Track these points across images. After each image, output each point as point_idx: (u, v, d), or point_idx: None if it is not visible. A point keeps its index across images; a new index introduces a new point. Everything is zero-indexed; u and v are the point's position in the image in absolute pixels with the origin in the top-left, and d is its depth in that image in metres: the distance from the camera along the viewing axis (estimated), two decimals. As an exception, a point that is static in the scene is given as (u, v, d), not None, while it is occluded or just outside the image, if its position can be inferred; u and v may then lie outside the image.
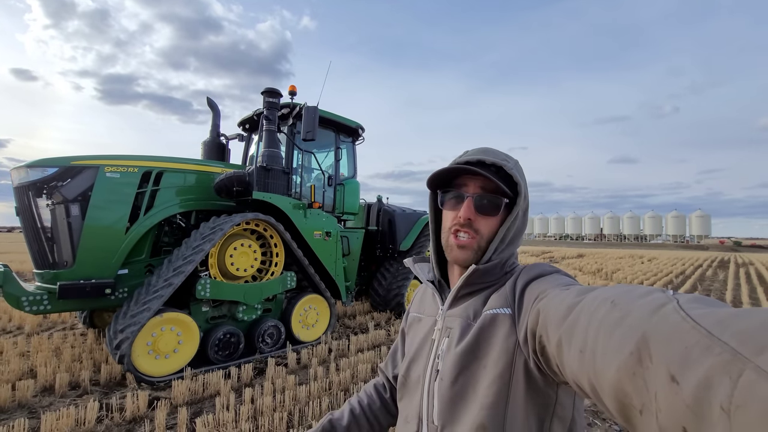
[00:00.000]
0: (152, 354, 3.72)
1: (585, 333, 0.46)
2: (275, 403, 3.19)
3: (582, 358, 0.46)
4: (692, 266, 19.00)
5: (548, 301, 0.59)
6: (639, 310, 0.41)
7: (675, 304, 0.38)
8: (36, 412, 3.12)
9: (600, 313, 0.45)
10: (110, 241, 4.07)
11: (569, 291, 0.56)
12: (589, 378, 0.44)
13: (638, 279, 12.32)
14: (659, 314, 0.38)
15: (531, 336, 0.60)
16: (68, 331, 5.38)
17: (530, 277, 0.71)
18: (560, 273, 0.71)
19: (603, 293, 0.49)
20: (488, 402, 0.66)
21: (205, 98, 6.09)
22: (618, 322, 0.42)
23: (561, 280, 0.66)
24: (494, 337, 0.69)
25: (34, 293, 3.79)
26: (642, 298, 0.43)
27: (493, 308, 0.72)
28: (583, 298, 0.51)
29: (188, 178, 4.75)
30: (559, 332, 0.52)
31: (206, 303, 4.30)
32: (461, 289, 0.78)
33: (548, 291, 0.62)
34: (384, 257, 6.98)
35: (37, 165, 3.89)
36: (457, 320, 0.77)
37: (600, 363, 0.42)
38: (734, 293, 10.45)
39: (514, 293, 0.71)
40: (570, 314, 0.51)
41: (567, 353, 0.49)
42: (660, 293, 0.42)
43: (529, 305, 0.64)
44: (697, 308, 0.36)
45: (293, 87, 5.36)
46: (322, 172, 5.95)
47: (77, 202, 3.93)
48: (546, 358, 0.57)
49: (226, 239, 4.40)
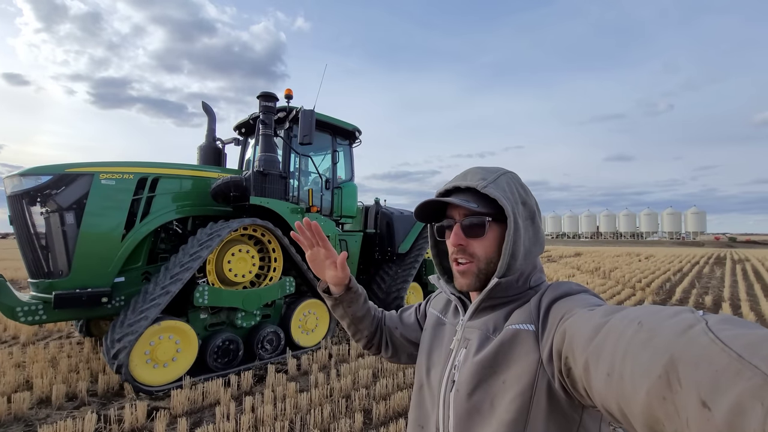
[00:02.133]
0: (150, 363, 3.67)
1: (612, 355, 0.45)
2: (276, 412, 3.16)
3: (609, 382, 0.45)
4: (689, 263, 19.09)
5: (574, 321, 0.57)
6: (667, 331, 0.40)
7: (704, 325, 0.37)
8: (32, 425, 3.07)
9: (627, 334, 0.45)
10: (106, 248, 4.01)
11: (596, 311, 0.55)
12: (618, 402, 0.43)
13: (636, 277, 12.35)
14: (687, 336, 0.37)
15: (557, 356, 0.59)
16: (65, 340, 5.32)
17: (556, 296, 0.69)
18: (588, 293, 0.69)
19: (630, 314, 0.48)
20: (507, 419, 0.65)
21: (200, 101, 6.05)
22: (645, 344, 0.41)
23: (588, 300, 0.65)
24: (515, 353, 0.68)
25: (29, 303, 3.73)
26: (670, 318, 0.42)
27: (516, 323, 0.70)
28: (609, 318, 0.50)
29: (184, 183, 4.70)
30: (586, 354, 0.51)
31: (204, 310, 4.25)
32: (483, 302, 0.77)
33: (575, 311, 0.60)
34: (383, 260, 6.95)
35: (31, 173, 3.84)
36: (476, 332, 0.76)
37: (629, 387, 0.41)
38: (731, 290, 10.50)
39: (539, 310, 0.69)
40: (597, 336, 0.50)
41: (594, 376, 0.48)
42: (689, 313, 0.41)
43: (554, 324, 0.63)
44: (727, 329, 0.36)
45: (289, 90, 5.34)
46: (319, 176, 5.91)
47: (72, 210, 3.87)
48: (572, 380, 0.56)
49: (224, 245, 4.35)
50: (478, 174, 0.78)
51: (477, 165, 0.84)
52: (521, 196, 0.77)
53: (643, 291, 9.98)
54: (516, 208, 0.74)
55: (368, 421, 3.17)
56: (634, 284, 11.05)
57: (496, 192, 0.74)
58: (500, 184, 0.76)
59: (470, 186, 0.77)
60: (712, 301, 8.69)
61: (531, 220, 0.78)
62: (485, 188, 0.74)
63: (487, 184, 0.75)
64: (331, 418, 3.13)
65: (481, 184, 0.75)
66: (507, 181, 0.78)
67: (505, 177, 0.78)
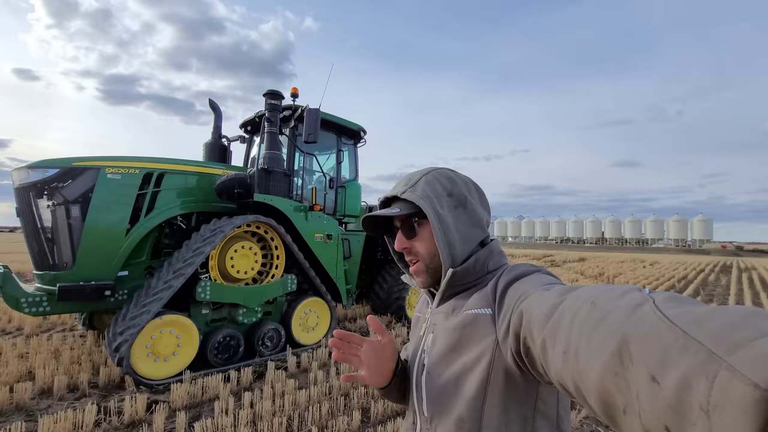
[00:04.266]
0: (151, 357, 3.69)
1: (568, 334, 0.47)
2: (275, 408, 3.16)
3: (566, 359, 0.46)
4: (694, 271, 18.91)
5: (531, 301, 0.59)
6: (618, 310, 0.42)
7: (651, 303, 0.39)
8: (34, 415, 3.10)
9: (581, 313, 0.46)
10: (111, 242, 4.05)
11: (551, 291, 0.57)
12: (573, 379, 0.45)
13: (640, 283, 12.25)
14: (637, 314, 0.39)
15: (514, 338, 0.61)
16: (68, 332, 5.37)
17: (511, 278, 0.72)
18: (542, 272, 0.72)
19: (584, 293, 0.50)
20: (467, 396, 0.70)
21: (208, 99, 6.09)
22: (598, 323, 0.43)
23: (543, 279, 0.67)
24: (474, 335, 0.72)
25: (34, 295, 3.77)
26: (620, 298, 0.44)
27: (474, 308, 0.74)
28: (564, 298, 0.52)
29: (189, 179, 4.74)
30: (543, 334, 0.52)
31: (206, 305, 4.27)
32: (445, 291, 0.82)
33: (530, 291, 0.62)
34: (385, 260, 6.95)
35: (38, 166, 3.89)
36: (440, 316, 0.82)
37: (583, 364, 0.43)
38: (737, 298, 10.39)
39: (495, 293, 0.72)
40: (552, 315, 0.51)
41: (551, 354, 0.50)
42: (637, 292, 0.43)
43: (510, 306, 0.65)
44: (673, 307, 0.37)
45: (295, 89, 5.35)
46: (323, 175, 5.93)
47: (78, 204, 3.91)
48: (531, 359, 0.58)
49: (227, 241, 4.38)
50: (402, 182, 0.86)
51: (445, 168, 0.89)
52: (446, 188, 0.82)
53: (647, 297, 9.89)
54: (437, 202, 0.80)
55: (366, 419, 3.17)
56: (638, 290, 10.95)
57: (412, 195, 0.80)
58: (419, 185, 0.82)
59: (394, 194, 0.85)
60: (716, 309, 8.58)
61: (463, 207, 0.82)
62: (403, 194, 0.82)
63: (405, 189, 0.82)
64: (329, 415, 3.14)
65: (401, 191, 0.83)
66: (428, 180, 0.83)
67: (426, 177, 0.84)
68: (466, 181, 0.87)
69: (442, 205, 0.80)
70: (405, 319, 6.43)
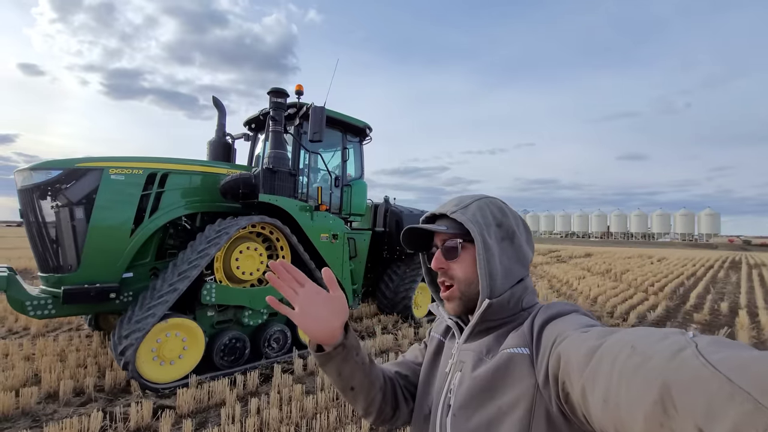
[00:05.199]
0: (157, 360, 3.66)
1: (608, 381, 0.45)
2: (282, 415, 3.11)
3: (606, 408, 0.45)
4: (703, 267, 18.69)
5: (568, 344, 0.57)
6: (659, 355, 0.40)
7: (694, 348, 0.38)
8: (39, 420, 3.08)
9: (621, 357, 0.45)
10: (115, 244, 4.00)
11: (589, 333, 0.55)
12: (616, 428, 0.44)
13: (649, 280, 12.11)
14: (678, 359, 0.38)
15: (553, 381, 0.59)
16: (74, 332, 5.36)
17: (548, 317, 0.69)
18: (579, 312, 0.69)
19: (624, 336, 0.48)
20: None
21: (211, 94, 6.01)
22: (638, 368, 0.41)
23: (580, 320, 0.64)
24: (510, 377, 0.67)
25: (39, 297, 3.74)
26: (661, 341, 0.42)
27: (511, 347, 0.70)
28: (603, 341, 0.50)
29: (194, 179, 4.68)
30: (582, 380, 0.50)
31: (212, 308, 4.23)
32: (477, 325, 0.78)
33: (567, 333, 0.60)
34: (391, 259, 6.89)
35: (41, 167, 3.83)
36: (470, 354, 0.77)
37: (625, 413, 0.41)
38: (748, 297, 10.24)
39: (532, 332, 0.68)
40: (591, 360, 0.50)
41: (591, 402, 0.48)
42: (679, 336, 0.42)
43: (548, 347, 0.62)
44: (717, 352, 0.36)
45: (300, 86, 5.25)
46: (329, 173, 5.84)
47: (81, 205, 3.86)
48: (571, 405, 0.55)
49: (232, 242, 4.32)
50: (453, 201, 0.84)
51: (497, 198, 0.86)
52: (496, 218, 0.80)
53: (656, 295, 9.77)
54: (486, 230, 0.77)
55: (374, 426, 3.12)
56: (647, 288, 10.83)
57: (462, 216, 0.77)
58: (470, 208, 0.79)
59: (442, 212, 0.82)
60: (728, 308, 8.45)
61: (509, 240, 0.80)
62: (453, 213, 0.79)
63: (456, 209, 0.80)
64: (338, 422, 3.09)
65: (450, 210, 0.80)
66: (480, 205, 0.81)
67: (479, 202, 0.82)
68: (516, 216, 0.84)
69: (491, 234, 0.78)
70: (411, 318, 6.37)
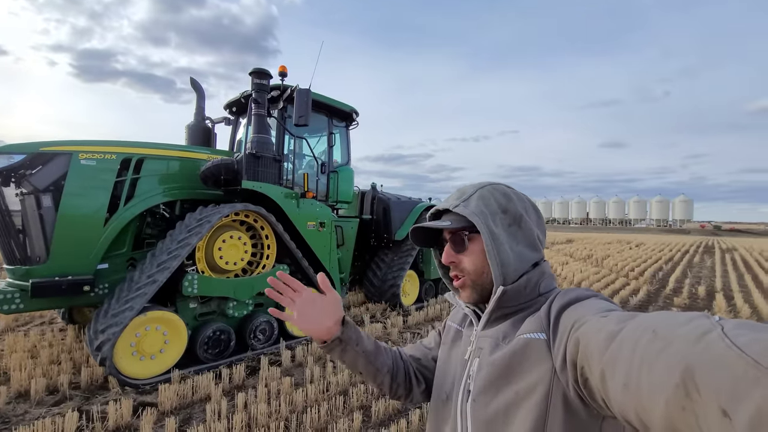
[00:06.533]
0: (136, 355, 3.48)
1: (629, 365, 0.45)
2: (270, 410, 3.00)
3: (627, 392, 0.45)
4: (679, 252, 19.31)
5: (587, 329, 0.56)
6: (682, 338, 0.40)
7: (720, 331, 0.37)
8: (9, 422, 2.88)
9: (642, 342, 0.44)
10: (87, 233, 3.76)
11: (609, 318, 0.54)
12: (637, 412, 0.43)
13: (629, 265, 12.40)
14: (703, 342, 0.37)
15: (572, 366, 0.58)
16: (47, 326, 5.09)
17: (566, 302, 0.68)
18: (598, 297, 0.68)
19: (644, 321, 0.47)
20: (522, 428, 0.64)
21: (189, 77, 5.70)
22: (660, 353, 0.41)
23: (600, 305, 0.63)
24: (527, 362, 0.67)
25: (5, 291, 3.49)
26: (685, 325, 0.41)
27: (528, 332, 0.69)
28: (624, 326, 0.50)
29: (171, 165, 4.42)
30: (602, 364, 0.50)
31: (194, 299, 4.05)
32: (493, 312, 0.78)
33: (586, 318, 0.59)
34: (378, 247, 6.79)
35: (2, 152, 3.54)
36: (488, 340, 0.77)
37: (646, 397, 0.41)
38: (723, 281, 10.60)
39: (549, 318, 0.68)
40: (611, 344, 0.49)
41: (611, 386, 0.48)
42: (704, 319, 0.41)
43: (566, 332, 0.61)
44: (743, 335, 0.35)
45: (284, 67, 5.00)
46: (314, 159, 5.65)
47: (49, 192, 3.59)
48: (590, 390, 0.55)
49: (214, 231, 4.12)
50: (455, 195, 0.85)
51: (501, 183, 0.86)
52: (501, 205, 0.79)
53: (637, 280, 10.00)
54: (491, 218, 0.77)
55: (366, 418, 3.04)
56: (627, 273, 11.08)
57: (465, 210, 0.78)
58: (472, 200, 0.80)
59: (445, 207, 0.84)
60: (705, 291, 8.73)
61: (517, 225, 0.79)
62: (456, 208, 0.80)
63: (458, 203, 0.80)
64: (329, 416, 3.00)
65: (453, 204, 0.81)
66: (482, 194, 0.80)
67: (481, 191, 0.81)
68: (523, 199, 0.84)
69: (496, 222, 0.78)
70: (399, 307, 6.32)
